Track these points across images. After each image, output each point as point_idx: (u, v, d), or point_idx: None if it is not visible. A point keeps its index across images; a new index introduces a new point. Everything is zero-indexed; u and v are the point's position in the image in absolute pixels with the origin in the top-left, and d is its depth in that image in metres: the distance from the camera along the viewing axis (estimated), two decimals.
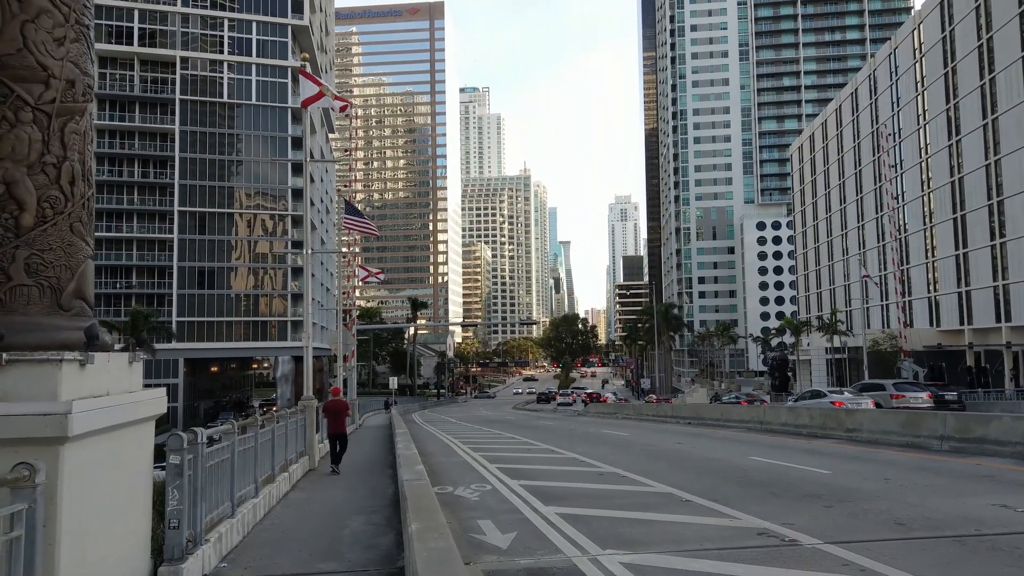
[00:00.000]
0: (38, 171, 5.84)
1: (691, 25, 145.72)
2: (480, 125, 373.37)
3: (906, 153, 74.41)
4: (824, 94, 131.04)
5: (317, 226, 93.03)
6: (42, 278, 5.69)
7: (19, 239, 5.64)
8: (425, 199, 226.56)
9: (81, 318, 5.86)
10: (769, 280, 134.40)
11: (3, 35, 5.86)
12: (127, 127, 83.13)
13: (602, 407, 64.98)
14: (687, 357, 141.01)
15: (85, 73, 6.41)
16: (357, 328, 52.72)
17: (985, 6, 59.60)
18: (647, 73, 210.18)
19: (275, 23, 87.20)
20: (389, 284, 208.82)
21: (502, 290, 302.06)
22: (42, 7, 6.04)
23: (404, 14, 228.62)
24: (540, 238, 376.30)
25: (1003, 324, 58.07)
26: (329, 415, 17.00)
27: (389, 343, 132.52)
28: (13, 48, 5.86)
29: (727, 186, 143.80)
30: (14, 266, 5.60)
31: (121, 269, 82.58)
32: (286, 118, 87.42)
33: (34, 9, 5.98)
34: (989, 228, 60.03)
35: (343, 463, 17.46)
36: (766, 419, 29.70)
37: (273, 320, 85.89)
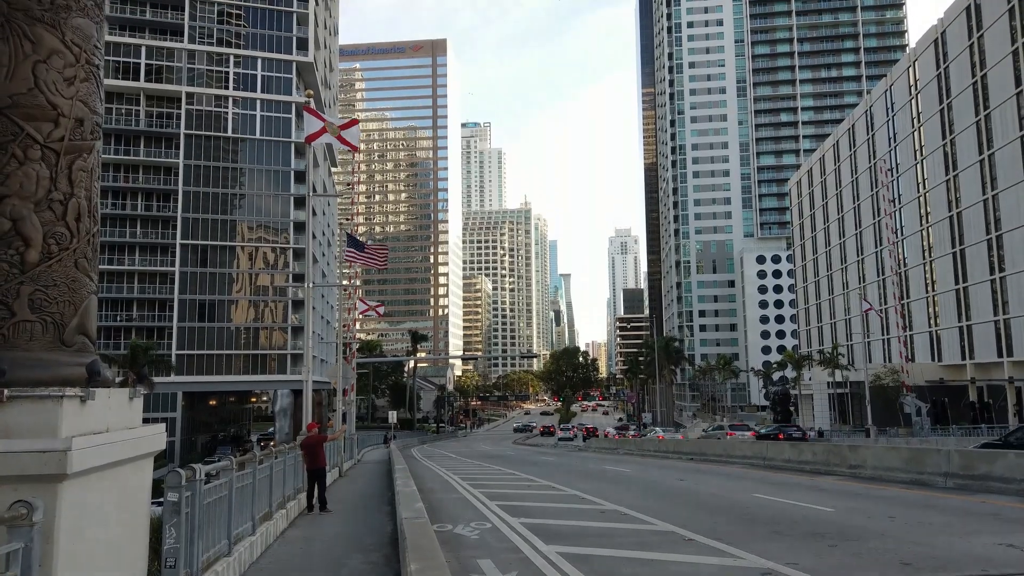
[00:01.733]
0: (45, 208, 5.90)
1: (689, 62, 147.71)
2: (481, 159, 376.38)
3: (904, 188, 74.89)
4: (821, 129, 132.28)
5: (318, 259, 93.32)
6: (45, 314, 5.71)
7: (24, 275, 5.68)
8: (426, 232, 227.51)
9: (83, 354, 5.87)
10: (770, 313, 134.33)
11: (15, 75, 5.96)
12: (132, 161, 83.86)
13: (603, 442, 64.58)
14: (688, 391, 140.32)
15: (94, 111, 6.51)
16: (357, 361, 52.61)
17: (979, 44, 60.48)
18: (646, 108, 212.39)
19: (280, 60, 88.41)
20: (389, 317, 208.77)
21: (502, 323, 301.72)
22: (54, 48, 6.16)
23: (407, 51, 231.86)
24: (541, 271, 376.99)
25: (1005, 359, 57.89)
26: (306, 450, 16.49)
27: (389, 376, 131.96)
28: (24, 87, 5.96)
29: (726, 220, 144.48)
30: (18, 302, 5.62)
31: (122, 302, 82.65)
32: (289, 152, 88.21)
33: (46, 50, 6.09)
34: (988, 262, 60.17)
35: (335, 497, 17.21)
36: (769, 455, 29.48)
37: (273, 353, 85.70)
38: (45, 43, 6.01)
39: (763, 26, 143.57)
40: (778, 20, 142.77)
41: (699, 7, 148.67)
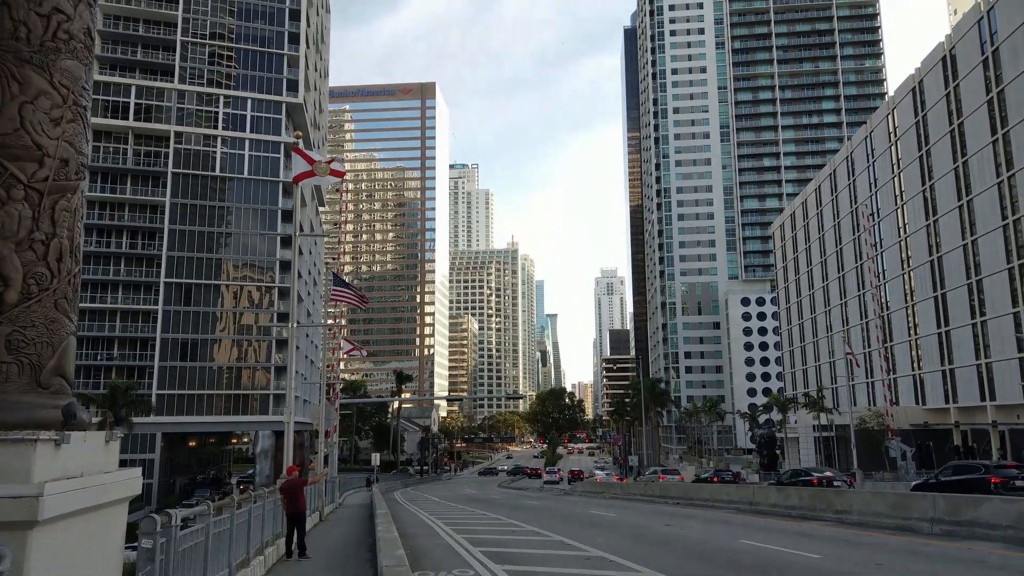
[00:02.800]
0: (26, 248, 5.86)
1: (674, 108, 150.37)
2: (469, 200, 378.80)
3: (885, 232, 75.91)
4: (803, 174, 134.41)
5: (304, 298, 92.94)
6: (22, 355, 5.63)
7: (2, 315, 5.61)
8: (413, 271, 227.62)
9: (60, 396, 5.77)
10: (755, 356, 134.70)
11: (1, 115, 5.97)
12: (118, 199, 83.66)
13: (589, 485, 63.95)
14: (675, 433, 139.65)
15: (79, 152, 6.51)
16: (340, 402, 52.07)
17: (955, 93, 61.99)
18: (632, 152, 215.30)
19: (270, 100, 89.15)
20: (374, 356, 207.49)
21: (488, 363, 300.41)
22: (42, 89, 6.18)
23: (397, 93, 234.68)
24: (527, 311, 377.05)
25: (988, 403, 58.13)
26: (286, 494, 16.16)
27: (372, 417, 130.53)
28: (10, 128, 5.96)
29: (711, 262, 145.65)
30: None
31: (103, 340, 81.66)
32: (277, 191, 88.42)
33: (34, 91, 6.11)
34: (969, 306, 60.78)
35: (315, 543, 16.87)
36: (755, 500, 29.27)
37: (255, 393, 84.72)
38: (33, 84, 6.04)
39: (745, 74, 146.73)
40: (760, 68, 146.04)
41: (683, 55, 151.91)
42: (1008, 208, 54.92)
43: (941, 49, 64.35)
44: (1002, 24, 55.04)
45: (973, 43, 59.23)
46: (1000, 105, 55.44)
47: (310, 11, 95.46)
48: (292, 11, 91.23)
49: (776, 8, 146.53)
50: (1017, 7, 53.09)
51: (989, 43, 56.82)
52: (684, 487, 42.86)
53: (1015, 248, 54.21)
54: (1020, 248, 53.61)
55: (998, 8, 55.63)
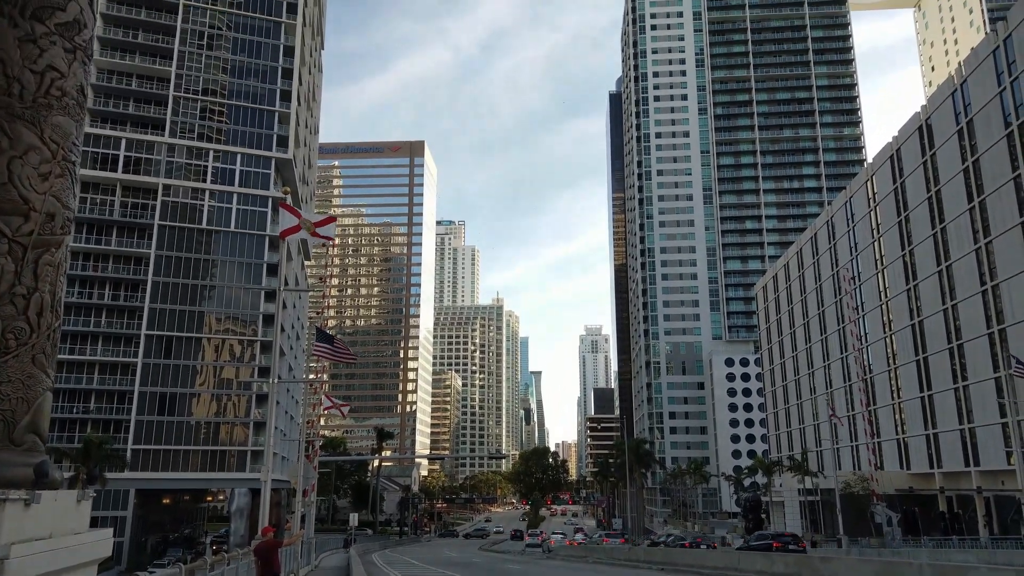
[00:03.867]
0: (7, 302, 5.80)
1: (657, 170, 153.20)
2: (455, 256, 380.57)
3: (867, 295, 76.76)
4: (785, 237, 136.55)
5: (286, 352, 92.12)
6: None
7: None
8: (397, 326, 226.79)
9: (32, 453, 5.64)
10: (740, 417, 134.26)
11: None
12: (103, 250, 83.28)
13: (572, 549, 62.73)
14: (659, 495, 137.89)
15: (66, 207, 6.52)
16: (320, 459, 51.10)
17: (932, 161, 63.59)
18: (616, 212, 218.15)
19: (259, 155, 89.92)
20: (356, 412, 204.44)
21: (471, 420, 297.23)
22: (32, 144, 6.21)
23: (386, 151, 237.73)
24: (511, 367, 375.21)
25: (972, 468, 57.97)
26: (260, 556, 15.54)
27: (352, 475, 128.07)
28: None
29: (695, 322, 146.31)
30: None
31: (80, 393, 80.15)
32: (263, 245, 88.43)
33: (23, 146, 6.14)
34: (951, 371, 61.13)
35: None
36: (742, 566, 28.80)
37: (232, 449, 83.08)
38: (23, 139, 6.08)
39: (727, 139, 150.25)
40: (741, 133, 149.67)
41: (667, 119, 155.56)
42: (987, 274, 55.83)
43: (917, 119, 66.27)
44: (975, 96, 56.89)
45: (948, 114, 61.07)
46: (976, 173, 56.88)
47: (302, 70, 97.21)
48: (285, 70, 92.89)
49: (757, 77, 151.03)
50: (989, 81, 54.99)
51: (963, 114, 58.60)
52: (667, 552, 42.10)
53: (994, 313, 54.90)
54: (999, 314, 54.29)
55: (971, 81, 57.59)
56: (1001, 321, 53.93)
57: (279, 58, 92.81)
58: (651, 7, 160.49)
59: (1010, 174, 52.17)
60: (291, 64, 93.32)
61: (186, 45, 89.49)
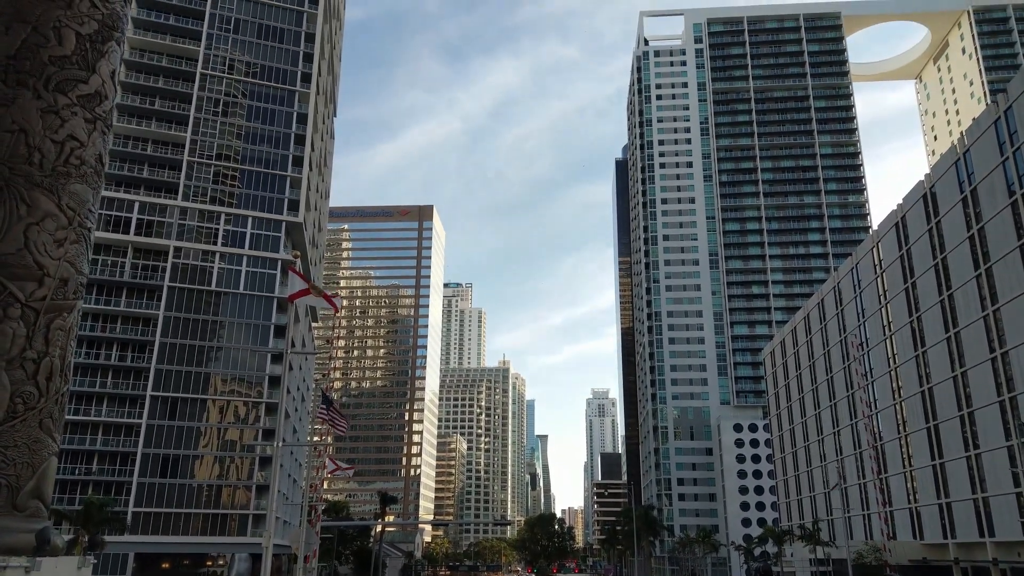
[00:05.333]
0: (17, 366, 5.89)
1: (663, 235, 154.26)
2: (462, 319, 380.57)
3: (875, 362, 76.13)
4: (792, 302, 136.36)
5: (291, 414, 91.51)
6: (1, 476, 5.56)
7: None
8: (403, 388, 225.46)
9: (35, 519, 5.66)
10: (749, 483, 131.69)
11: (6, 236, 6.14)
12: (111, 311, 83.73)
13: None
14: (668, 564, 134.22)
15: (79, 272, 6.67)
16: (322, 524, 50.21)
17: (937, 229, 63.86)
18: (623, 276, 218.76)
19: (270, 219, 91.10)
20: (359, 476, 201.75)
21: (476, 485, 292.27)
22: (49, 211, 6.40)
23: (395, 215, 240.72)
24: (517, 431, 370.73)
25: (987, 539, 56.47)
26: None
27: (354, 541, 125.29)
28: (14, 248, 6.13)
29: (703, 386, 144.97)
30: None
31: (83, 454, 79.46)
32: (271, 307, 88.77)
33: (40, 213, 6.33)
34: (963, 438, 60.11)
35: None
36: None
37: (234, 513, 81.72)
38: (40, 207, 6.26)
39: (733, 205, 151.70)
40: (747, 200, 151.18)
41: (672, 185, 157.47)
42: (995, 341, 55.44)
43: (921, 187, 66.88)
44: (978, 166, 57.52)
45: (952, 182, 61.60)
46: (981, 240, 57.06)
47: (315, 137, 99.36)
48: (297, 136, 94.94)
49: (761, 145, 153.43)
50: (991, 150, 55.68)
51: (967, 182, 59.13)
52: None
53: (1004, 381, 54.31)
54: (1009, 381, 53.70)
55: (973, 151, 58.32)
56: (1012, 389, 53.29)
57: (292, 125, 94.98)
58: (656, 78, 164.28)
59: (1016, 242, 52.33)
60: (303, 131, 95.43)
61: (202, 112, 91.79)
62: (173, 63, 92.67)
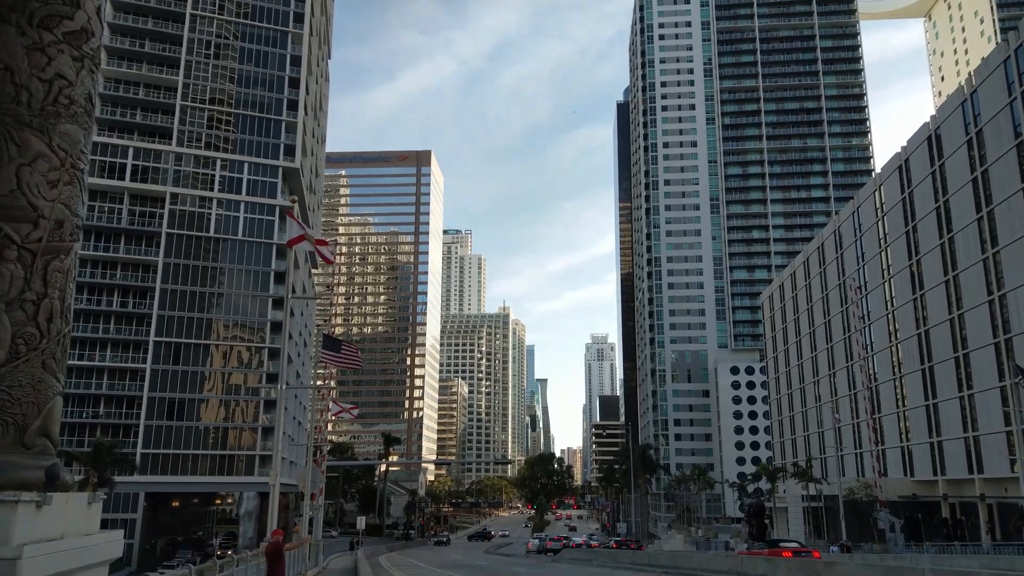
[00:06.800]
0: (17, 308, 5.95)
1: (664, 180, 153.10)
2: (461, 265, 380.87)
3: (873, 305, 76.53)
4: (792, 246, 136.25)
5: (294, 359, 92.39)
6: (7, 415, 5.67)
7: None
8: (404, 334, 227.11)
9: (43, 456, 5.79)
10: (744, 424, 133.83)
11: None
12: (111, 258, 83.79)
13: (578, 553, 62.71)
14: (664, 501, 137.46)
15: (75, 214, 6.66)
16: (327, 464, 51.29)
17: (941, 171, 63.43)
18: (623, 221, 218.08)
19: (267, 164, 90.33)
20: (362, 418, 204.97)
21: (477, 427, 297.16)
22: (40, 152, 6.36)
23: (393, 160, 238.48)
24: (517, 375, 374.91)
25: (976, 476, 57.75)
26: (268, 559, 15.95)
27: (359, 480, 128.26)
28: (6, 189, 6.12)
29: (701, 331, 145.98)
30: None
31: (90, 398, 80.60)
32: (271, 253, 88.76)
33: (32, 154, 6.29)
34: (957, 379, 60.90)
35: None
36: (744, 570, 28.79)
37: (241, 454, 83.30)
38: (32, 147, 6.22)
39: (735, 148, 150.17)
40: (749, 144, 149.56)
41: (674, 129, 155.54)
42: (993, 284, 55.67)
43: (926, 129, 66.15)
44: (985, 107, 56.77)
45: (957, 124, 60.93)
46: (984, 184, 56.74)
47: (309, 80, 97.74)
48: (292, 79, 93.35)
49: (765, 87, 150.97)
50: (999, 91, 54.88)
51: (973, 124, 58.47)
52: (673, 555, 42.04)
53: (1000, 323, 54.72)
54: (1006, 323, 54.11)
55: (981, 91, 57.48)
56: (1008, 331, 53.74)
57: (286, 67, 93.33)
58: (659, 16, 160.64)
59: (1019, 184, 52.05)
60: (298, 73, 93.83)
61: (193, 55, 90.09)
62: (162, 3, 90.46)
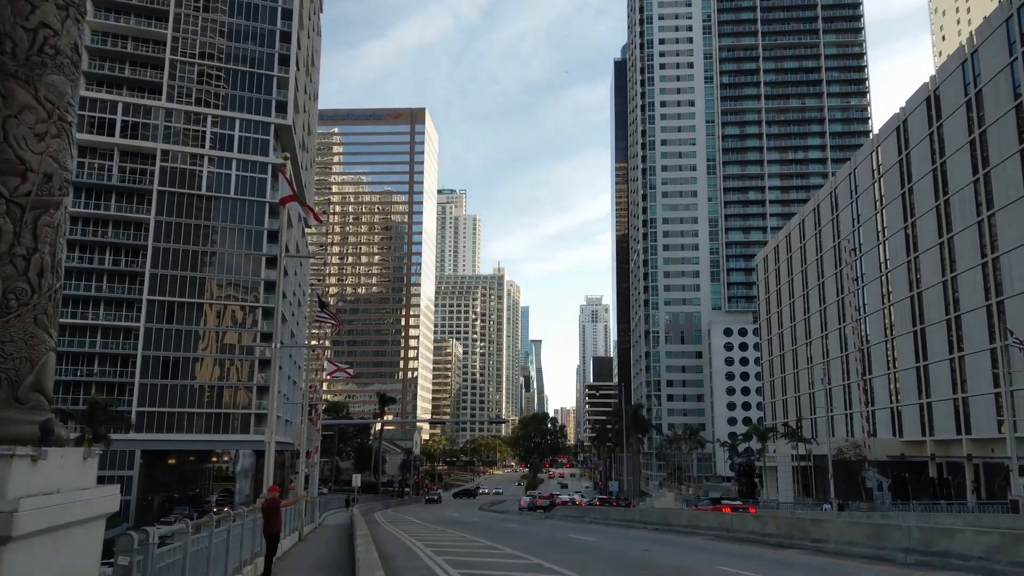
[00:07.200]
0: (7, 262, 5.86)
1: (661, 140, 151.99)
2: (456, 225, 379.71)
3: (867, 267, 76.77)
4: (788, 208, 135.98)
5: (288, 319, 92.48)
6: (0, 370, 5.63)
7: None
8: (398, 295, 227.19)
9: (37, 411, 5.76)
10: (736, 385, 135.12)
11: None
12: (102, 215, 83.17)
13: (569, 510, 63.72)
14: (655, 460, 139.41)
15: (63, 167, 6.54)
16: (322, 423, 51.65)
17: (938, 133, 63.13)
18: (619, 182, 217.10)
19: (258, 121, 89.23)
20: (357, 378, 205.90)
21: (472, 387, 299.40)
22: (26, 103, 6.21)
23: (386, 118, 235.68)
24: (512, 336, 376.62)
25: (964, 436, 58.62)
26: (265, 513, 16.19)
27: (354, 438, 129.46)
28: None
29: (695, 292, 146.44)
30: None
31: (84, 356, 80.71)
32: (263, 212, 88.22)
33: (18, 105, 6.14)
34: (948, 342, 61.43)
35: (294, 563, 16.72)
36: (733, 527, 29.29)
37: (236, 412, 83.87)
38: (17, 98, 6.06)
39: (733, 108, 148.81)
40: (747, 103, 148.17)
41: (672, 87, 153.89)
42: (988, 246, 55.80)
43: (926, 89, 65.64)
44: (985, 67, 56.26)
45: (957, 84, 60.46)
46: (982, 145, 56.51)
47: (301, 34, 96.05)
48: (283, 33, 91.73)
49: (764, 45, 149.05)
50: (1000, 51, 54.34)
51: (973, 85, 58.02)
52: (663, 513, 42.76)
53: (993, 286, 55.01)
54: (998, 286, 54.39)
55: (982, 51, 56.90)
56: (1000, 293, 54.06)
57: (277, 21, 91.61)
58: None
59: (1017, 146, 51.85)
60: (290, 27, 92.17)
61: (182, 7, 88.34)
62: None
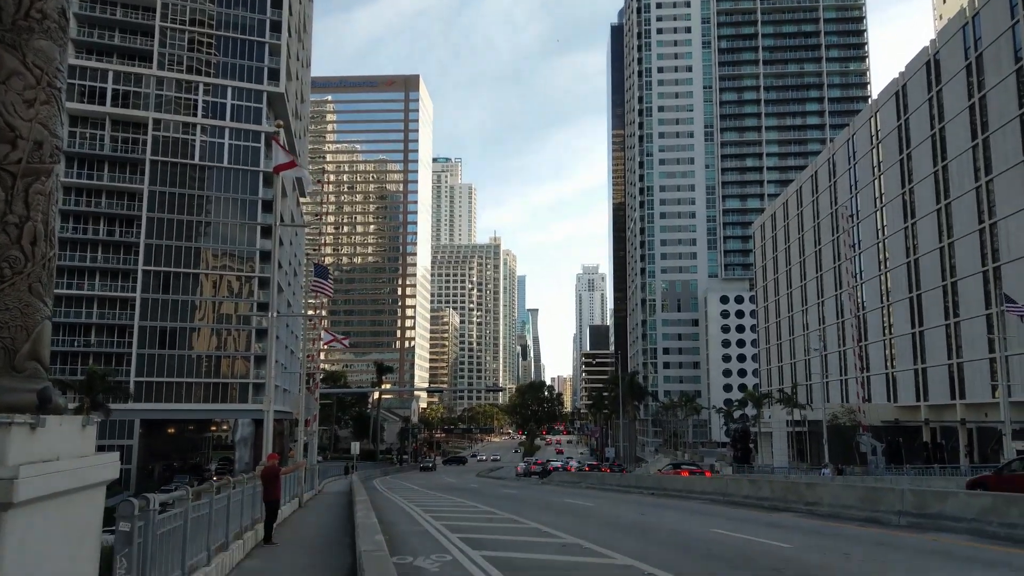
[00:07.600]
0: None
1: (658, 106, 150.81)
2: (452, 194, 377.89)
3: (864, 234, 76.74)
4: (785, 175, 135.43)
5: (284, 288, 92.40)
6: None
7: None
8: (394, 264, 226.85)
9: (35, 380, 5.75)
10: (732, 352, 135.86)
11: None
12: (95, 185, 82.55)
13: (566, 475, 64.41)
14: (651, 427, 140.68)
15: (54, 134, 6.45)
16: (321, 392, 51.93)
17: (937, 99, 62.69)
18: (616, 150, 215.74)
19: (251, 89, 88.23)
20: (355, 348, 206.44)
21: (469, 356, 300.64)
22: (13, 69, 6.10)
23: (380, 85, 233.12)
24: (508, 305, 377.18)
25: (958, 401, 59.16)
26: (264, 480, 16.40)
27: (353, 407, 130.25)
28: None
29: (692, 260, 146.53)
30: None
31: (80, 327, 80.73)
32: (257, 181, 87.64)
33: (5, 71, 6.03)
34: (943, 308, 61.68)
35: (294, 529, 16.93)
36: (728, 491, 29.65)
37: (234, 382, 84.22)
38: (5, 64, 5.95)
39: (731, 73, 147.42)
40: (745, 68, 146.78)
41: (669, 53, 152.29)
42: (985, 212, 55.77)
43: (925, 54, 65.03)
44: (986, 31, 55.69)
45: (957, 49, 59.90)
46: (981, 111, 56.17)
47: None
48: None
49: (763, 9, 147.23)
50: (1001, 14, 53.74)
51: (973, 49, 57.49)
52: (659, 478, 43.26)
53: (990, 252, 55.08)
54: (995, 252, 54.46)
55: (983, 14, 56.28)
56: (997, 259, 54.14)
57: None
58: None
59: (1016, 111, 51.55)
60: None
61: None
62: None
